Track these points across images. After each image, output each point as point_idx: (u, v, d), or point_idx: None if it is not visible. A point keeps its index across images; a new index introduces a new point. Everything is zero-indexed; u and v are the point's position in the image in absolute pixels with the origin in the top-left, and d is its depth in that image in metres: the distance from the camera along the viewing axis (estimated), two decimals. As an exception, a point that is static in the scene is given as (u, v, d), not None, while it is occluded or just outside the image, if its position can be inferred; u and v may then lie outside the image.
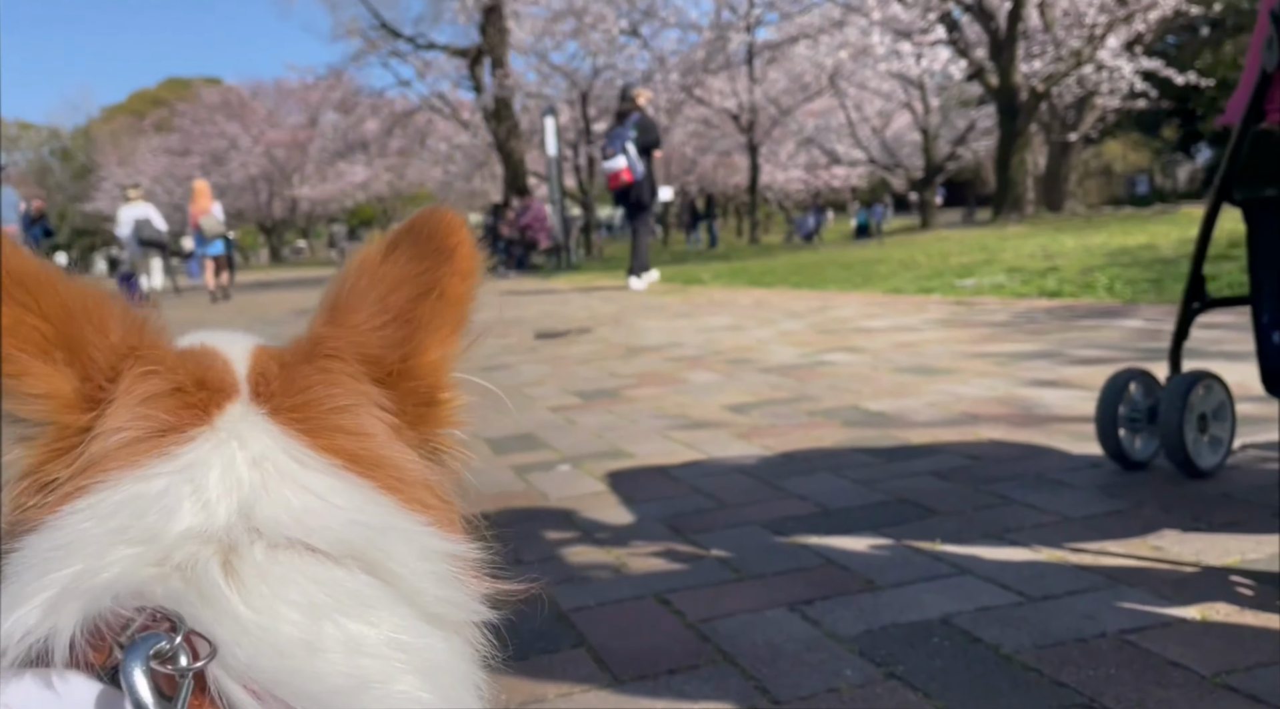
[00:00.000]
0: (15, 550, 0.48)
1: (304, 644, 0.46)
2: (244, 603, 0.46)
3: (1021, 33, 19.79)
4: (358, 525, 0.51)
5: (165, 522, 0.48)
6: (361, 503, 0.52)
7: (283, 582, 0.47)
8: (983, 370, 3.73)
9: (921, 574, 1.71)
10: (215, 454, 0.51)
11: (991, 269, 8.85)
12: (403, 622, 0.50)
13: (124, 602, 0.45)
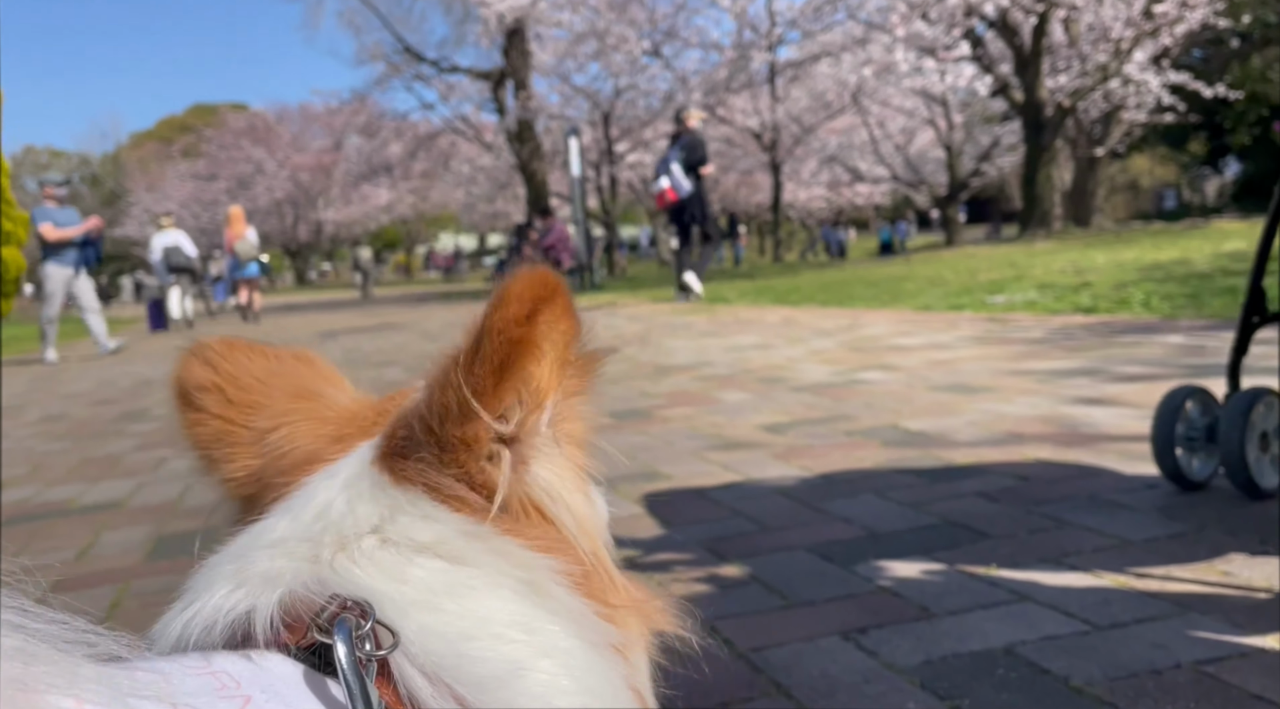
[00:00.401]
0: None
1: (460, 632, 0.52)
2: (412, 594, 0.53)
3: (1046, 48, 19.70)
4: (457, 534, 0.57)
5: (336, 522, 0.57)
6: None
7: (427, 576, 0.54)
8: (1024, 388, 3.65)
9: (979, 601, 1.64)
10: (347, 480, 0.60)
11: (1022, 285, 8.74)
12: (520, 607, 0.55)
13: (314, 590, 0.52)
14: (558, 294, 0.59)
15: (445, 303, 18.49)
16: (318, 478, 0.61)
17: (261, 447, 0.67)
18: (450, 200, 40.55)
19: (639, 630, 0.64)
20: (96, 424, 4.97)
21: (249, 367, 0.72)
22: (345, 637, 0.49)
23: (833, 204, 45.74)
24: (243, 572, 0.55)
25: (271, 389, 0.71)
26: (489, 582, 0.55)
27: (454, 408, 0.56)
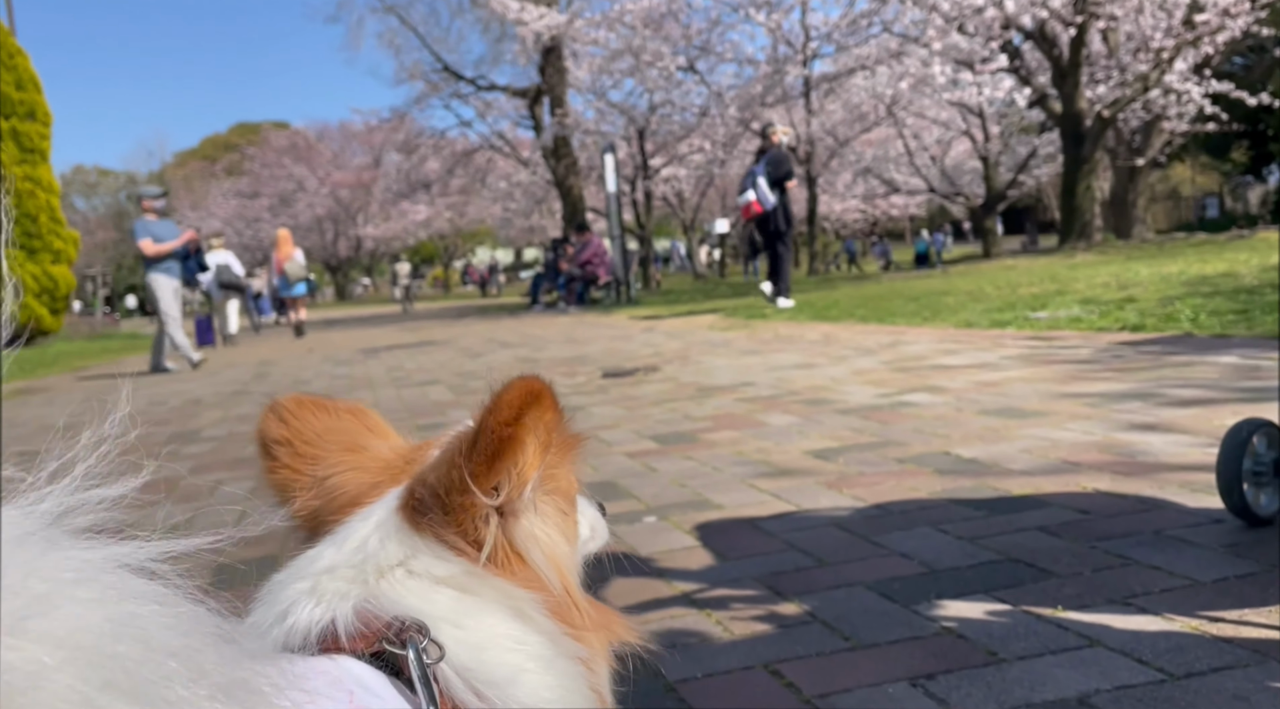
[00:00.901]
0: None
1: (477, 644, 0.70)
2: (440, 614, 0.70)
3: (1085, 58, 19.50)
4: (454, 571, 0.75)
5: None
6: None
7: (448, 602, 0.72)
8: (1075, 413, 3.60)
9: (1048, 645, 1.62)
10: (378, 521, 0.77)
11: (1065, 300, 8.63)
12: (514, 627, 0.73)
13: (373, 607, 0.69)
14: (541, 396, 0.75)
15: (483, 317, 18.62)
16: (356, 518, 0.78)
17: (319, 491, 0.84)
18: (487, 215, 40.86)
19: (600, 645, 0.81)
20: (149, 446, 5.04)
21: (313, 423, 0.89)
22: (415, 650, 0.66)
23: (867, 216, 45.52)
24: (318, 589, 0.71)
25: (328, 443, 0.87)
26: (490, 608, 0.73)
27: (456, 483, 0.73)
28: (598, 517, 1.02)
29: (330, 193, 46.05)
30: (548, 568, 0.78)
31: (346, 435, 0.89)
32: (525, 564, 0.77)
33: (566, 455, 0.83)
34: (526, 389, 0.74)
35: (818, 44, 21.17)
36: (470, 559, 0.74)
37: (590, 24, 21.53)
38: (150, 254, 10.79)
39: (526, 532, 0.79)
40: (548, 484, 0.82)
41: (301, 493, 0.85)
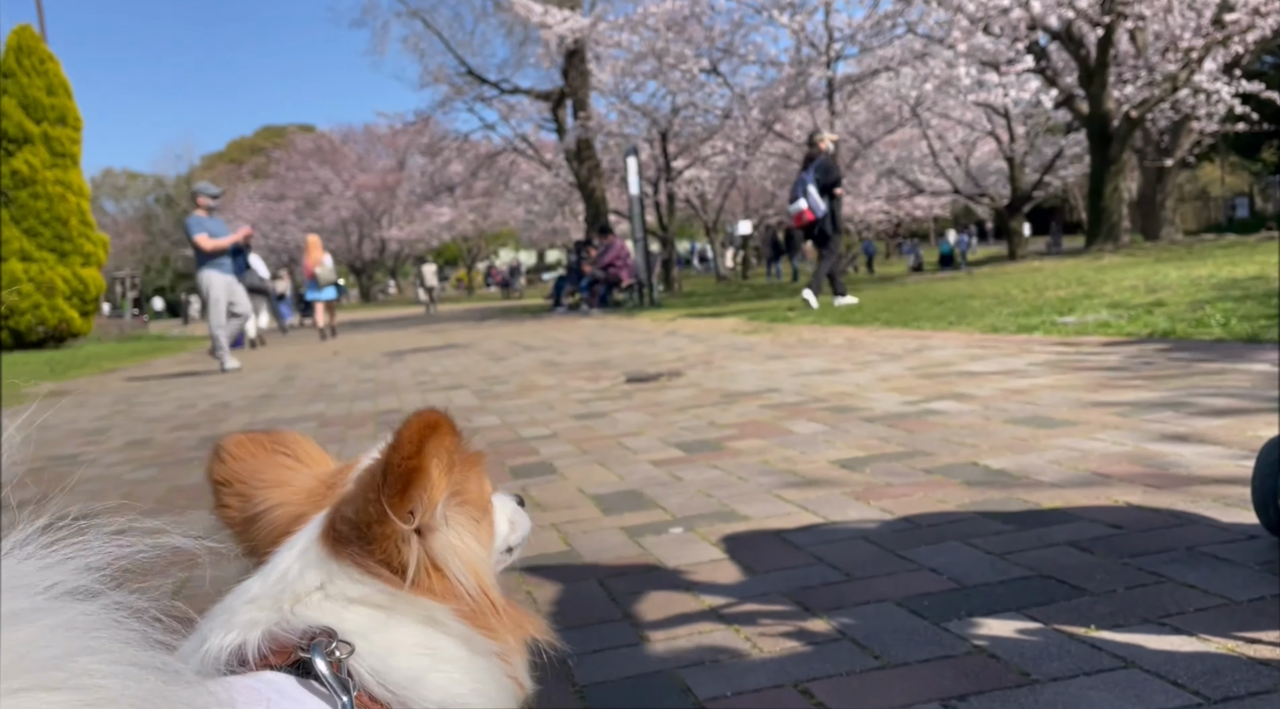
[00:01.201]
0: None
1: (385, 651, 0.82)
2: (350, 629, 0.82)
3: (1113, 58, 19.30)
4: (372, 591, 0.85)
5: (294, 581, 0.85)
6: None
7: (358, 619, 0.83)
8: (1105, 422, 3.56)
9: (1081, 666, 1.60)
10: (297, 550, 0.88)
11: (1093, 304, 8.55)
12: (423, 634, 0.84)
13: (284, 628, 0.81)
14: (439, 426, 0.84)
15: (506, 320, 18.68)
16: (283, 549, 0.88)
17: (255, 527, 0.94)
18: (510, 217, 41.02)
19: (515, 641, 0.91)
20: (180, 450, 5.10)
21: (249, 462, 0.97)
22: (319, 650, 0.78)
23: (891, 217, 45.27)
24: (231, 620, 0.82)
25: (261, 480, 0.96)
26: (401, 620, 0.84)
27: (374, 516, 0.84)
28: (516, 510, 1.08)
29: (355, 195, 46.37)
30: (465, 575, 0.88)
31: (275, 470, 0.97)
32: (444, 576, 0.87)
33: (470, 471, 0.93)
34: (424, 422, 0.84)
35: (841, 45, 21.06)
36: (385, 580, 0.85)
37: (613, 27, 21.55)
38: (208, 249, 10.98)
39: (444, 545, 0.89)
40: (457, 498, 0.91)
41: (242, 530, 0.94)
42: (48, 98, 20.56)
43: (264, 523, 0.93)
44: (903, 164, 29.58)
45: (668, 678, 1.72)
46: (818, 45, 20.83)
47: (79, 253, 20.57)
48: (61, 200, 20.33)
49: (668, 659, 1.80)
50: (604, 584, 2.28)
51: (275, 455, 0.99)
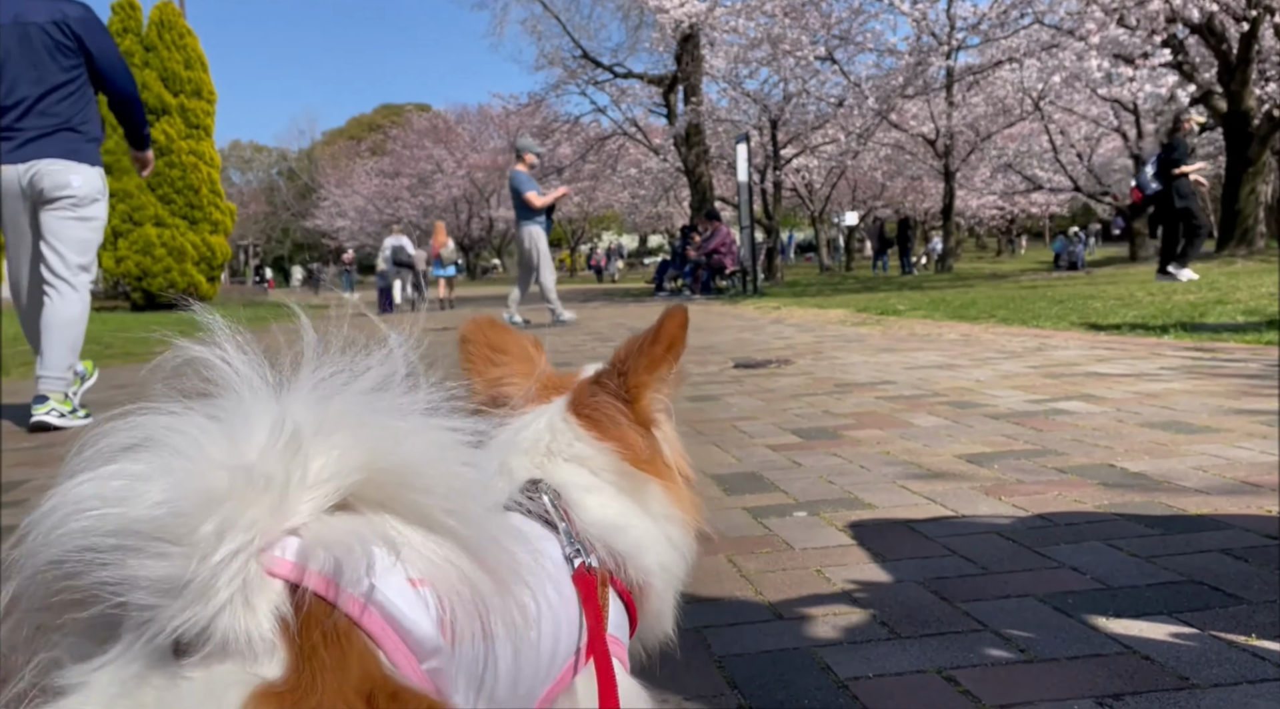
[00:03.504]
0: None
1: (600, 504, 1.10)
2: (573, 483, 1.10)
3: (1256, 54, 18.28)
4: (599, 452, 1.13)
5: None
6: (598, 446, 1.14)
7: (578, 477, 1.11)
8: (1251, 431, 3.40)
9: (1244, 674, 1.54)
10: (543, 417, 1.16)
11: (1227, 310, 8.15)
12: (634, 498, 1.12)
13: (535, 476, 1.10)
14: (687, 323, 1.15)
15: (609, 302, 18.81)
16: (540, 411, 1.16)
17: (489, 387, 1.21)
18: (615, 201, 41.26)
19: (695, 515, 1.19)
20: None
21: (496, 336, 1.25)
22: (549, 496, 1.06)
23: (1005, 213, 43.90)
24: (505, 466, 1.10)
25: (502, 353, 1.23)
26: (607, 483, 1.11)
27: (641, 362, 1.12)
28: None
29: (466, 174, 47.29)
30: (674, 456, 1.17)
31: (514, 349, 1.24)
32: (661, 455, 1.15)
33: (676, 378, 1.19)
34: (682, 316, 1.13)
35: (964, 35, 20.48)
36: (616, 451, 1.12)
37: (730, 12, 21.39)
38: (538, 206, 11.56)
39: (665, 431, 1.16)
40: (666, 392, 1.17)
41: (480, 380, 1.22)
42: (185, 71, 21.53)
43: (497, 386, 1.19)
44: (1020, 159, 28.62)
45: (806, 655, 1.72)
46: (939, 34, 20.31)
47: (208, 221, 21.55)
48: (194, 170, 21.31)
49: (804, 637, 1.81)
50: (733, 561, 2.29)
51: (516, 338, 1.25)
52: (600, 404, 1.13)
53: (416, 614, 0.76)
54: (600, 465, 1.10)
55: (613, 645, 1.03)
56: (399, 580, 0.75)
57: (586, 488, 1.09)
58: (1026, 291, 13.44)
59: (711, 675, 1.66)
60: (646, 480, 1.11)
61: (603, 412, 1.12)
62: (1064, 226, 48.60)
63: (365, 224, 53.81)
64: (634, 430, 1.13)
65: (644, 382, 1.12)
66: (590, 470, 1.10)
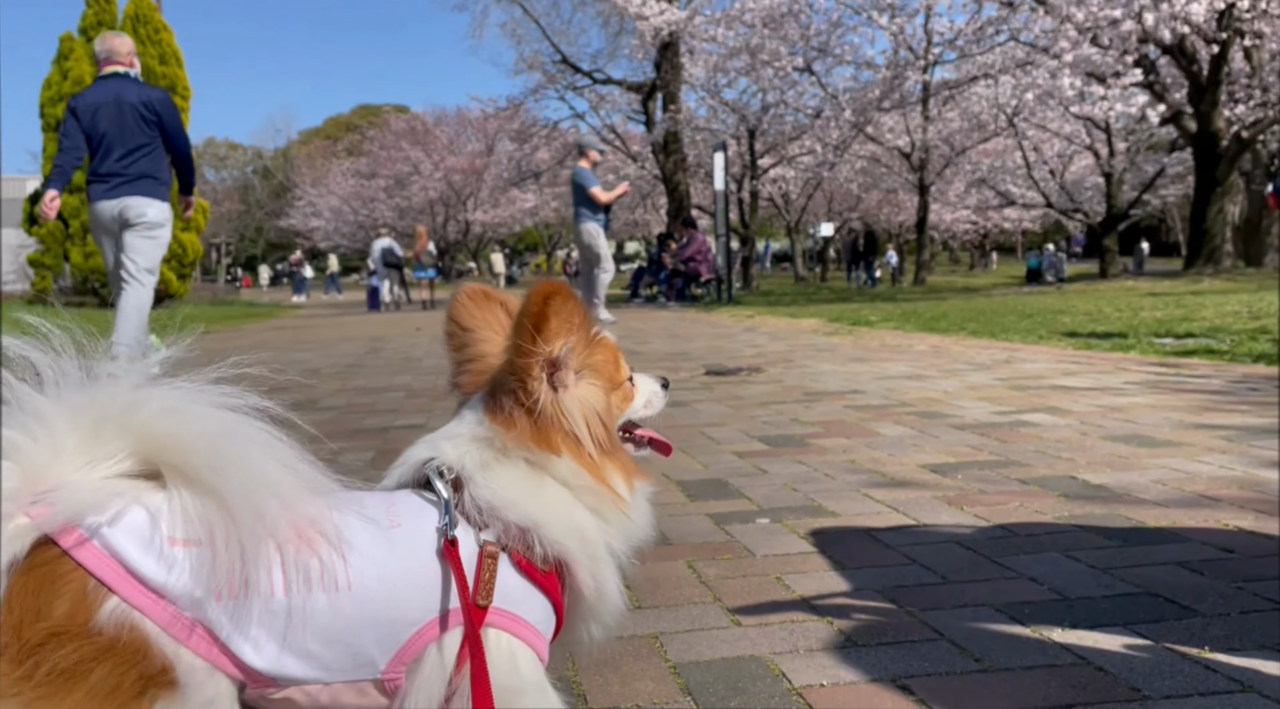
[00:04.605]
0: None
1: (489, 478, 1.13)
2: (476, 462, 1.15)
3: (1225, 76, 18.58)
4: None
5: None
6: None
7: (481, 454, 1.15)
8: (1210, 445, 3.44)
9: (1195, 686, 1.55)
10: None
11: (1191, 327, 8.26)
12: (526, 471, 1.14)
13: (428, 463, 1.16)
14: (556, 289, 1.11)
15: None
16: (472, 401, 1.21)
17: (466, 365, 1.24)
18: (592, 207, 41.25)
19: (626, 483, 1.18)
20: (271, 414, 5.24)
21: (475, 311, 1.26)
22: (433, 472, 1.13)
23: (978, 227, 44.32)
24: (407, 457, 1.19)
25: (480, 329, 1.25)
26: (506, 459, 1.14)
27: (517, 350, 1.11)
28: (657, 391, 1.39)
29: (443, 177, 47.09)
30: (581, 425, 1.14)
31: (494, 324, 1.25)
32: (564, 426, 1.13)
33: (596, 349, 1.18)
34: (545, 286, 1.10)
35: (940, 50, 20.69)
36: (506, 427, 1.13)
37: (710, 21, 21.48)
38: (604, 201, 11.53)
39: (570, 398, 1.14)
40: (586, 368, 1.17)
41: (456, 363, 1.26)
42: (160, 67, 21.30)
43: (472, 364, 1.23)
44: (994, 174, 28.88)
45: (761, 663, 1.71)
46: (916, 49, 20.49)
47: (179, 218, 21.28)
48: (166, 166, 21.04)
49: (760, 644, 1.79)
50: (693, 567, 2.27)
51: (488, 314, 1.26)
52: (496, 385, 1.17)
53: (151, 561, 0.94)
54: (499, 444, 1.13)
55: (501, 617, 1.07)
56: (142, 533, 0.95)
57: (483, 465, 1.13)
58: (998, 305, 13.56)
59: (666, 682, 1.65)
60: (543, 455, 1.13)
61: (496, 393, 1.16)
62: (1036, 242, 49.13)
63: (340, 224, 53.44)
64: (520, 409, 1.13)
65: (522, 364, 1.11)
66: (492, 449, 1.14)
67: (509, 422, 1.14)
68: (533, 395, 1.12)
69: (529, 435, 1.13)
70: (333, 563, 1.00)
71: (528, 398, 1.12)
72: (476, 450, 1.14)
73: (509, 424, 1.14)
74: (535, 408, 1.12)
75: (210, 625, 0.95)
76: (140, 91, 6.72)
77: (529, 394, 1.12)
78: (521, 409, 1.13)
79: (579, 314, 1.14)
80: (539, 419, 1.13)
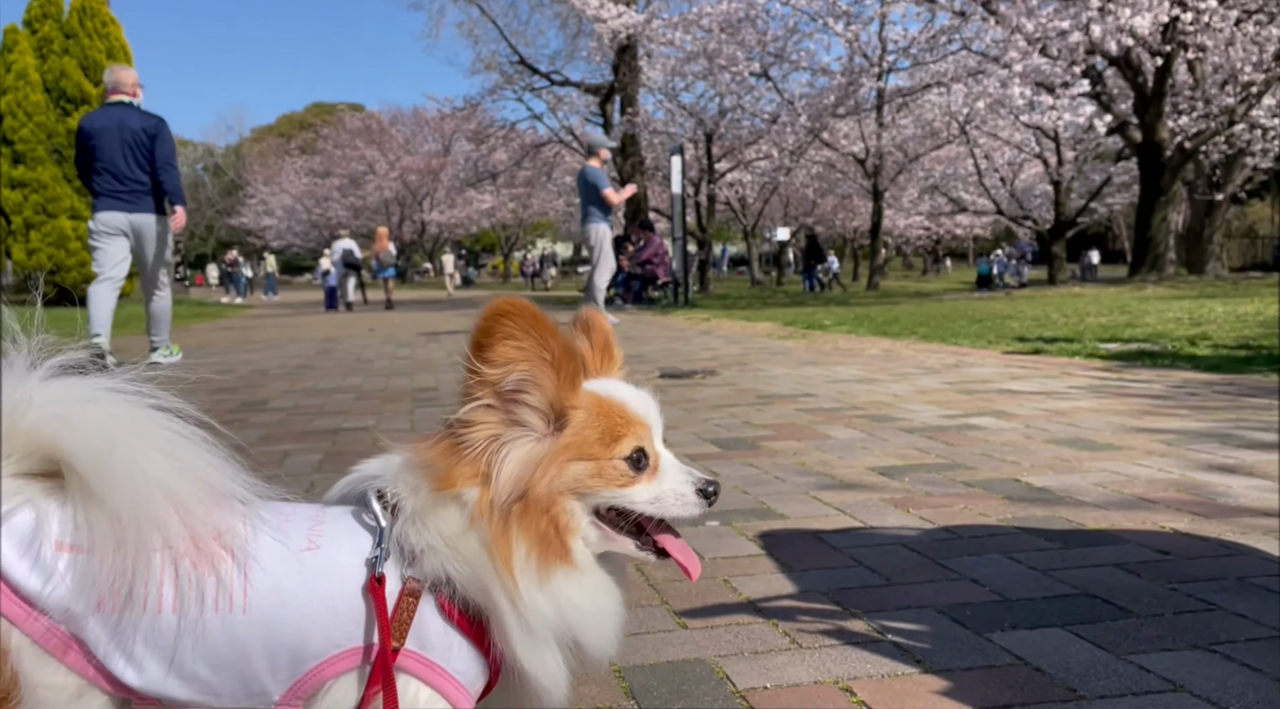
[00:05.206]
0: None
1: (411, 491, 1.03)
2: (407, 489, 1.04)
3: (1170, 88, 19.03)
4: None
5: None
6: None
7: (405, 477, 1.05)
8: (1150, 448, 3.51)
9: (1129, 686, 1.58)
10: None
11: (1135, 333, 8.44)
12: (447, 511, 1.02)
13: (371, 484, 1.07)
14: (514, 307, 1.00)
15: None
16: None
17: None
18: (550, 208, 41.14)
19: (531, 556, 1.01)
20: (219, 413, 5.15)
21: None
22: (371, 495, 1.03)
23: (931, 233, 44.93)
24: (359, 469, 1.09)
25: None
26: (432, 496, 1.01)
27: (468, 370, 1.04)
28: (683, 493, 1.09)
29: (399, 177, 46.69)
30: (504, 481, 0.98)
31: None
32: (479, 466, 0.99)
33: (559, 377, 1.02)
34: (503, 304, 0.98)
35: (894, 58, 20.94)
36: (421, 452, 1.03)
37: (667, 25, 21.53)
38: (615, 202, 11.42)
39: (509, 451, 0.99)
40: (549, 402, 1.01)
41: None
42: (107, 60, 20.85)
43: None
44: (947, 181, 29.31)
45: (706, 665, 1.71)
46: (870, 56, 20.72)
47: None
48: (112, 162, 20.61)
49: (706, 647, 1.79)
50: (641, 570, 2.27)
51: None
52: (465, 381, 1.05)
53: (25, 566, 0.91)
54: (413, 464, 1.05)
55: (414, 662, 0.97)
56: (22, 538, 0.92)
57: (414, 489, 1.02)
58: (949, 310, 13.75)
59: (610, 685, 1.64)
60: (444, 498, 1.00)
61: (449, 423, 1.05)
62: (987, 248, 49.90)
63: (293, 223, 52.72)
64: (448, 431, 1.03)
65: (463, 382, 1.02)
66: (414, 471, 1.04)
67: (431, 442, 1.03)
68: (460, 419, 1.01)
69: (437, 460, 1.01)
70: (231, 582, 0.94)
71: (456, 422, 1.01)
72: (410, 473, 1.03)
73: (428, 445, 1.03)
74: (460, 434, 1.00)
75: (87, 641, 0.91)
76: (141, 119, 7.71)
77: (460, 419, 1.01)
78: (449, 431, 1.02)
79: (542, 342, 1.00)
80: (460, 447, 1.01)
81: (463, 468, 0.99)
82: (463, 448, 1.00)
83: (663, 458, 1.11)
